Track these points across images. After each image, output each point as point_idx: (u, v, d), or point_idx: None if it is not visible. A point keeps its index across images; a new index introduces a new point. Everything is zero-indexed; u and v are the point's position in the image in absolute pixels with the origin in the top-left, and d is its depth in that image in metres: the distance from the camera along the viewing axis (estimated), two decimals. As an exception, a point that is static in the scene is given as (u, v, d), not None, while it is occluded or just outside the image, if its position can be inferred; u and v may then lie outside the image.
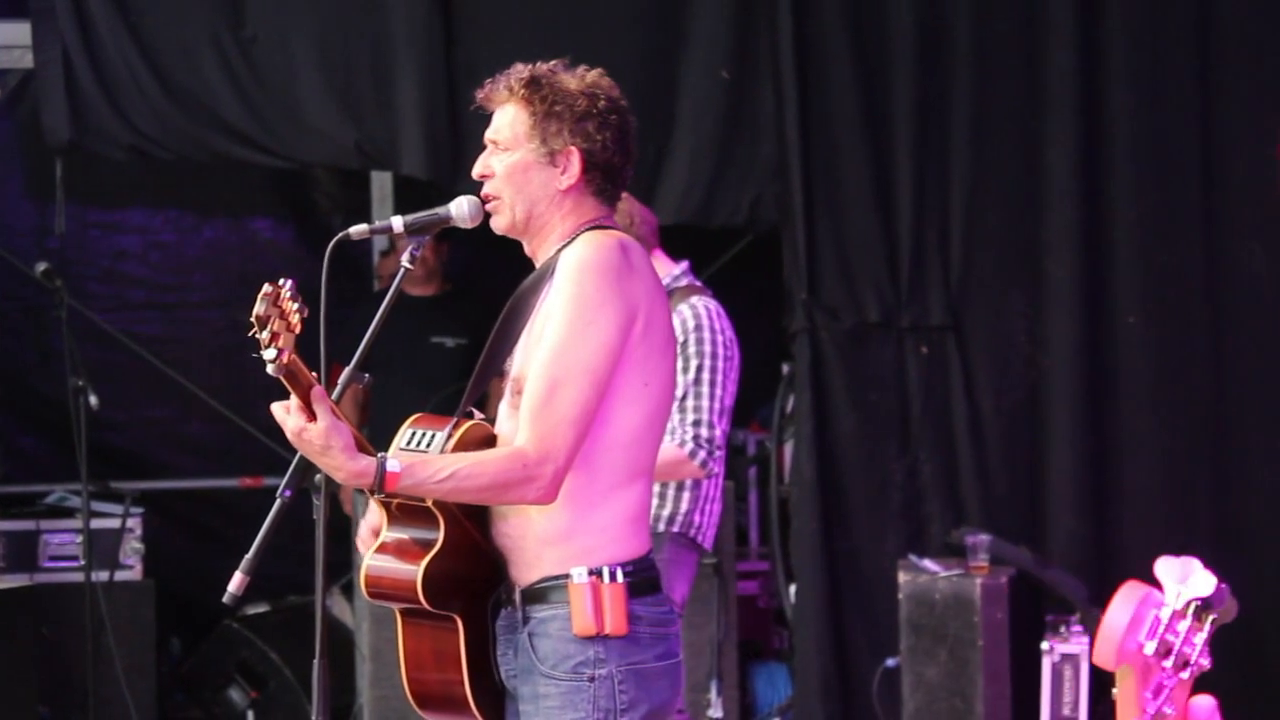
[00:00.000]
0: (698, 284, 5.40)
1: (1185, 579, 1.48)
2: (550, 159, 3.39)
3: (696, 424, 5.08)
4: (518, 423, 3.28)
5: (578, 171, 3.39)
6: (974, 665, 6.32)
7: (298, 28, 6.94)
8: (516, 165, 3.36)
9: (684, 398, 5.07)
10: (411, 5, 6.88)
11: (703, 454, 5.05)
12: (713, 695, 6.35)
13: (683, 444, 5.03)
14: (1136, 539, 6.97)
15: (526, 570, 3.31)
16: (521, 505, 3.29)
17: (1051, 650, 6.21)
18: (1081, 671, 6.24)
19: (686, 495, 5.21)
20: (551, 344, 3.27)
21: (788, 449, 7.38)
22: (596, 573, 3.30)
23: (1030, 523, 6.89)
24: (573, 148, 3.38)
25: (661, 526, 5.12)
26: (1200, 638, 1.52)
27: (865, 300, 7.13)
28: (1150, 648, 1.49)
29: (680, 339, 5.06)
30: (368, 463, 3.13)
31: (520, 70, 3.42)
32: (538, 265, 3.42)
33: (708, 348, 5.17)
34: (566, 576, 3.29)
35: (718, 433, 5.10)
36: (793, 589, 7.18)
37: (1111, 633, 1.45)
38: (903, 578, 6.57)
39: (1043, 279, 7.11)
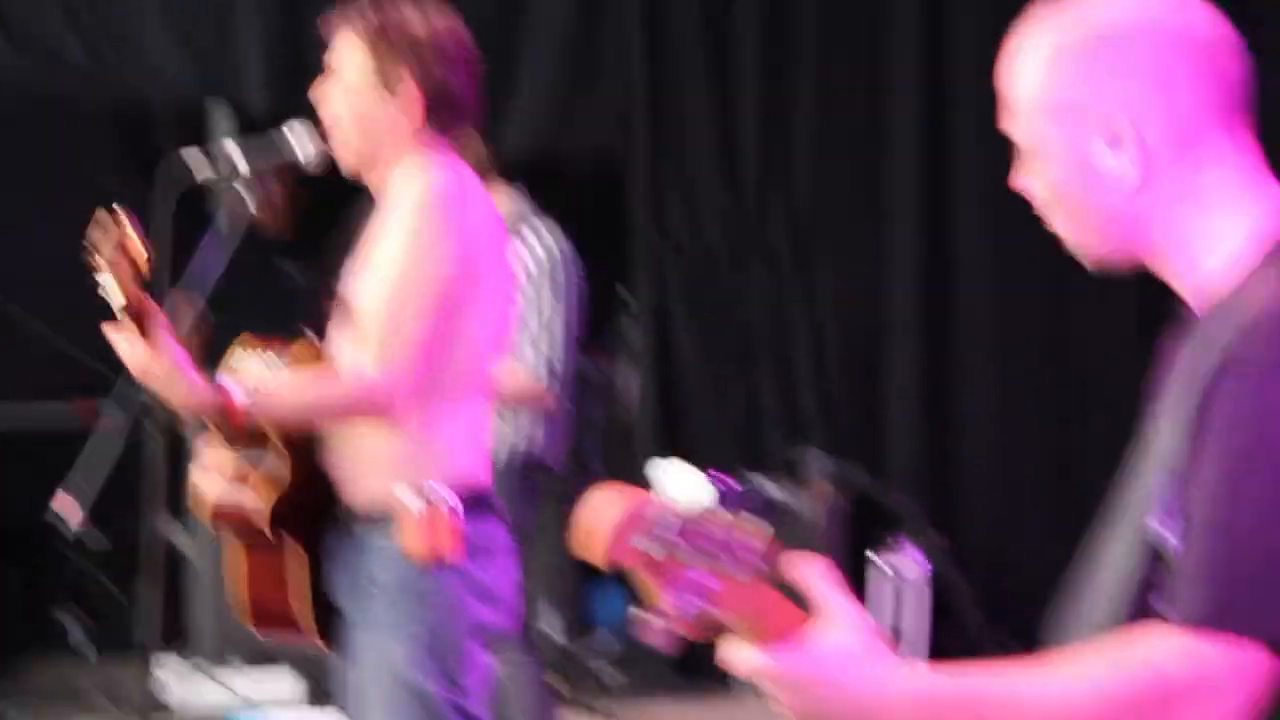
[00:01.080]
0: (542, 214, 5.47)
1: (684, 489, 1.56)
2: (392, 91, 3.42)
3: (548, 352, 5.18)
4: (357, 349, 3.32)
5: (419, 104, 3.43)
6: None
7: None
8: (357, 97, 3.39)
9: (535, 327, 5.16)
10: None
11: (554, 381, 5.16)
12: (550, 615, 6.40)
13: (534, 371, 5.13)
14: (973, 462, 7.27)
15: (362, 495, 3.37)
16: (357, 430, 3.35)
17: (886, 569, 6.36)
18: (917, 590, 6.40)
19: (534, 421, 5.29)
20: (391, 269, 3.36)
21: (631, 375, 7.47)
22: (431, 496, 3.36)
23: (870, 446, 7.09)
24: (414, 81, 3.42)
25: (510, 452, 5.20)
26: (754, 542, 1.65)
27: (709, 230, 7.32)
28: (655, 550, 1.60)
29: (531, 269, 5.16)
30: (209, 388, 3.20)
31: (364, 2, 3.47)
32: (378, 197, 3.45)
33: (559, 277, 5.26)
34: (401, 501, 3.35)
35: (567, 361, 5.21)
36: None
37: (594, 534, 1.52)
38: (746, 501, 6.62)
39: (886, 207, 7.33)
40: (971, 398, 7.38)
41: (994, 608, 6.64)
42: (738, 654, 1.75)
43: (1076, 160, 1.95)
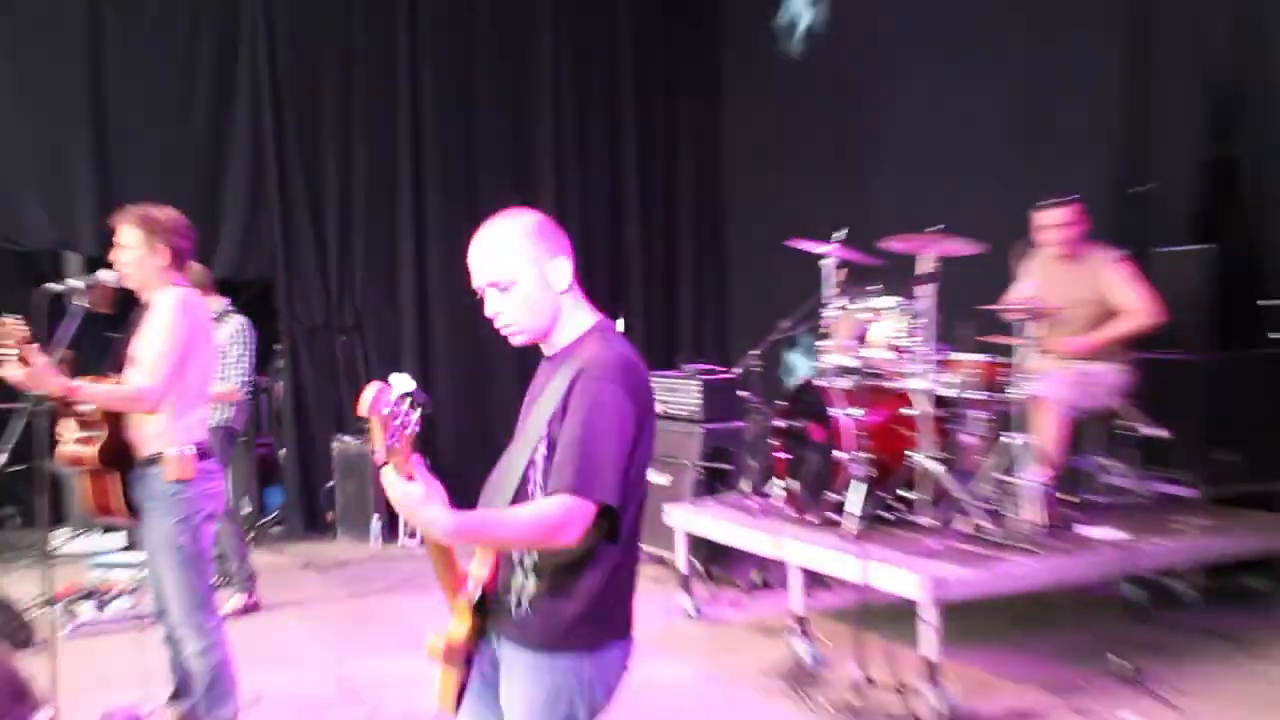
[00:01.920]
0: (236, 309, 5.87)
1: (400, 382, 1.85)
2: (154, 251, 3.77)
3: (241, 373, 5.51)
4: (137, 375, 3.54)
5: (168, 257, 3.83)
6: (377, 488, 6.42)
7: None
8: (136, 255, 3.79)
9: (234, 361, 5.51)
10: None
11: (244, 387, 5.51)
12: (245, 504, 6.89)
13: (234, 383, 5.43)
14: (448, 414, 7.60)
15: (146, 448, 3.76)
16: (142, 416, 3.65)
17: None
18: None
19: (231, 408, 5.60)
20: (155, 339, 3.72)
21: (281, 385, 7.82)
22: (180, 449, 3.68)
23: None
24: (165, 246, 3.79)
25: (219, 423, 5.54)
26: (414, 416, 1.72)
27: (314, 312, 7.54)
28: (386, 411, 1.70)
29: (236, 339, 5.61)
30: (67, 386, 3.39)
31: (132, 208, 3.86)
32: (148, 304, 3.80)
33: (250, 344, 5.62)
34: (164, 452, 3.70)
35: (249, 377, 5.53)
36: (283, 452, 7.78)
37: (366, 397, 1.68)
38: (336, 447, 7.30)
39: (399, 295, 7.70)
40: (446, 387, 7.58)
41: (461, 499, 6.18)
42: (390, 474, 1.88)
43: (540, 279, 2.08)
